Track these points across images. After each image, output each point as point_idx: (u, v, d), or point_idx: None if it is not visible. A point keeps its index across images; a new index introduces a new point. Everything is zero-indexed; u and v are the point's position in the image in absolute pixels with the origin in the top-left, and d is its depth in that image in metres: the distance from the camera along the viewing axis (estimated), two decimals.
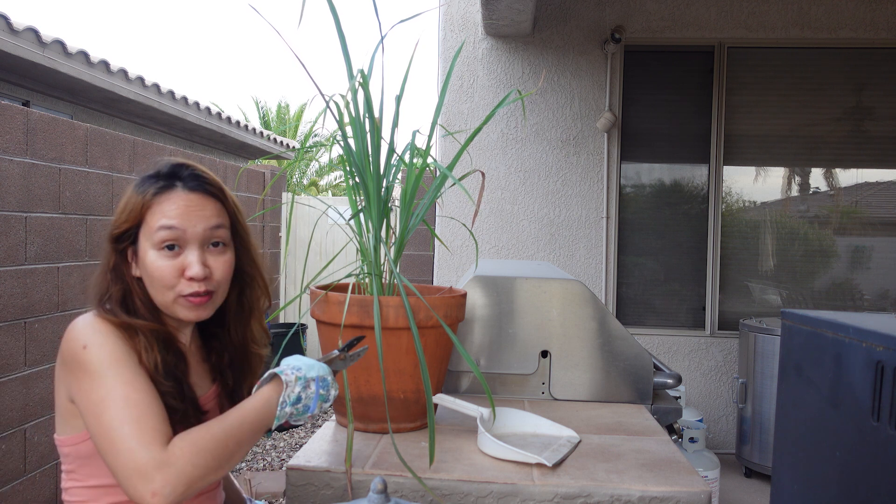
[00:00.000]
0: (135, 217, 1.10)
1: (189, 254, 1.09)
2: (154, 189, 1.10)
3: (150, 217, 1.09)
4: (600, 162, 4.42)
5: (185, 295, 1.09)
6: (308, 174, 17.01)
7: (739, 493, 3.76)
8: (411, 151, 1.50)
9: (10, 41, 4.68)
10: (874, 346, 1.62)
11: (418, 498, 1.22)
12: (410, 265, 4.88)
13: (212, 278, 1.11)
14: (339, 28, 1.40)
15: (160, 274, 1.08)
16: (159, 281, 1.09)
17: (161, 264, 1.08)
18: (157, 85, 6.53)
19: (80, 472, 1.11)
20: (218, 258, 1.13)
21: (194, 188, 1.12)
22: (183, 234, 1.08)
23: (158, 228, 1.08)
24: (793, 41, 4.34)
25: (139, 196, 1.10)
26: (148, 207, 1.09)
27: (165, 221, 1.08)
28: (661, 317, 4.49)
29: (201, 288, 1.09)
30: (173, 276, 1.09)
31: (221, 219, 1.14)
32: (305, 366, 1.10)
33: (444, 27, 4.53)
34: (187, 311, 1.11)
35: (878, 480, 1.56)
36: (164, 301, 1.11)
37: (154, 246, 1.08)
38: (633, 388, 1.74)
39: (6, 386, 2.69)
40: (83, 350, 1.03)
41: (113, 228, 1.12)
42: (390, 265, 1.42)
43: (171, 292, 1.09)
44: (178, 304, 1.10)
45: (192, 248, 1.09)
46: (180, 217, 1.08)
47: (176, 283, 1.09)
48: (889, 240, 4.44)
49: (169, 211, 1.08)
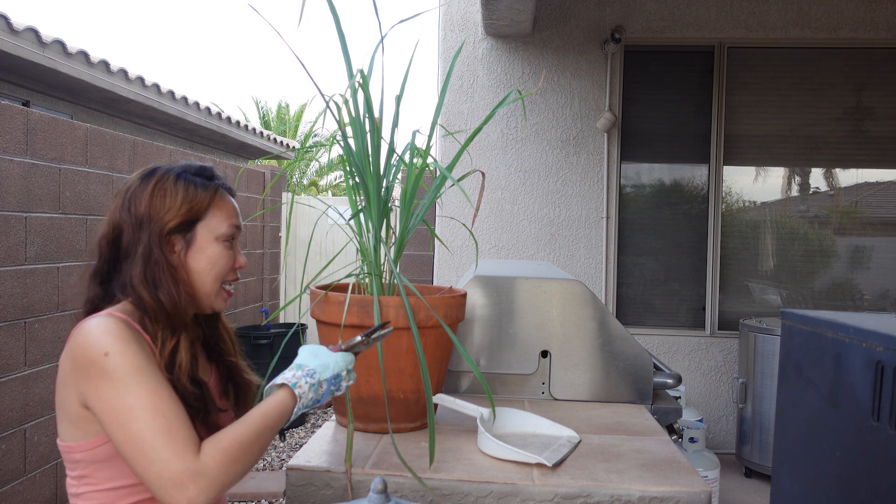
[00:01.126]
0: (200, 209, 1.17)
1: (237, 248, 1.24)
2: (214, 187, 1.21)
3: (217, 212, 1.19)
4: (600, 162, 4.42)
5: (229, 282, 1.22)
6: (308, 174, 17.01)
7: (739, 493, 3.76)
8: (411, 151, 1.50)
9: (10, 41, 4.68)
10: (874, 346, 1.62)
11: (418, 498, 1.22)
12: (410, 265, 4.88)
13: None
14: (339, 28, 1.40)
15: (224, 263, 1.19)
16: (221, 269, 1.19)
17: (225, 254, 1.19)
18: (157, 85, 6.53)
19: (97, 476, 1.09)
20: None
21: (230, 190, 1.27)
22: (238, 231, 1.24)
23: (229, 224, 1.20)
24: (793, 41, 4.34)
25: (203, 191, 1.19)
26: (214, 203, 1.19)
27: (233, 220, 1.21)
28: (661, 317, 4.49)
29: (238, 276, 1.24)
30: (230, 267, 1.21)
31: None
32: (320, 367, 1.13)
33: (444, 27, 4.53)
34: (223, 301, 1.22)
35: (878, 480, 1.56)
36: (210, 290, 1.19)
37: (218, 238, 1.19)
38: (633, 388, 1.74)
39: (6, 386, 2.69)
40: (104, 357, 1.02)
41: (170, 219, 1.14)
42: (390, 265, 1.42)
43: (220, 281, 1.20)
44: (219, 294, 1.21)
45: (236, 243, 1.24)
46: (238, 216, 1.24)
47: (228, 273, 1.21)
48: (889, 240, 4.44)
49: (231, 211, 1.22)
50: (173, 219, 1.14)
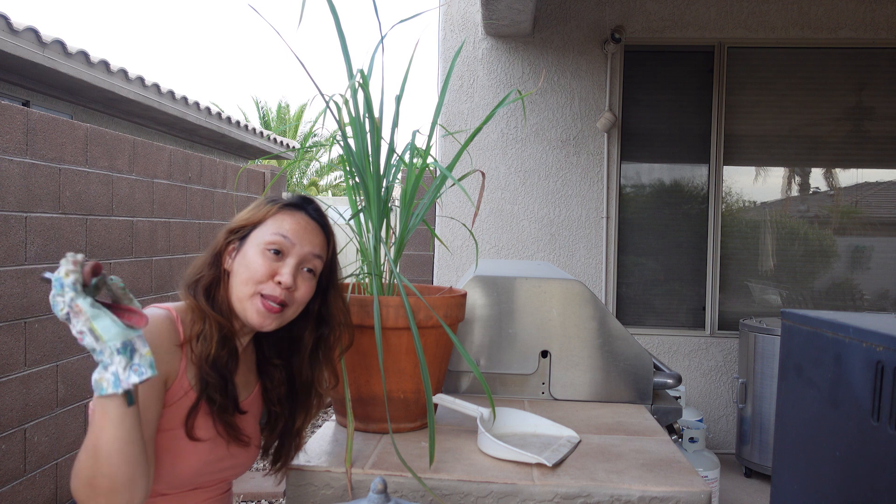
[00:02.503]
0: (258, 218, 1.21)
1: (286, 264, 1.18)
2: (283, 203, 1.23)
3: (271, 222, 1.20)
4: (600, 162, 4.42)
5: (264, 295, 1.16)
6: (308, 174, 17.02)
7: (739, 493, 3.76)
8: (411, 151, 1.50)
9: (10, 41, 4.68)
10: (874, 346, 1.62)
11: (418, 498, 1.22)
12: (410, 265, 4.88)
13: (292, 293, 1.18)
14: (339, 28, 1.40)
15: (255, 267, 1.16)
16: (251, 274, 1.16)
17: (260, 260, 1.16)
18: (157, 85, 6.53)
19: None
20: (305, 281, 1.20)
21: (314, 217, 1.24)
22: (291, 246, 1.18)
23: (274, 233, 1.18)
24: (793, 41, 4.34)
25: (269, 205, 1.23)
26: (272, 215, 1.21)
27: (282, 230, 1.19)
28: (661, 317, 4.49)
29: (281, 295, 1.16)
30: (266, 275, 1.16)
31: (324, 253, 1.23)
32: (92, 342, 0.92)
33: (444, 27, 4.53)
34: (256, 313, 1.16)
35: (878, 480, 1.56)
36: (242, 294, 1.17)
37: (262, 244, 1.18)
38: (633, 388, 1.74)
39: (6, 386, 2.69)
40: None
41: (235, 222, 1.22)
42: (390, 265, 1.42)
43: (253, 287, 1.16)
44: (252, 302, 1.16)
45: (290, 260, 1.18)
46: (295, 233, 1.19)
47: (264, 281, 1.16)
48: (889, 240, 4.43)
49: (288, 224, 1.20)
50: (236, 222, 1.22)
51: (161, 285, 3.85)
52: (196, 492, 1.19)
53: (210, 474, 1.18)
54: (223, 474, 1.22)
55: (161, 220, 3.86)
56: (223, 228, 1.23)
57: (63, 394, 3.01)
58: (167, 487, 1.14)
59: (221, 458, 1.18)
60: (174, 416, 1.11)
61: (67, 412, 3.05)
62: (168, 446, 1.11)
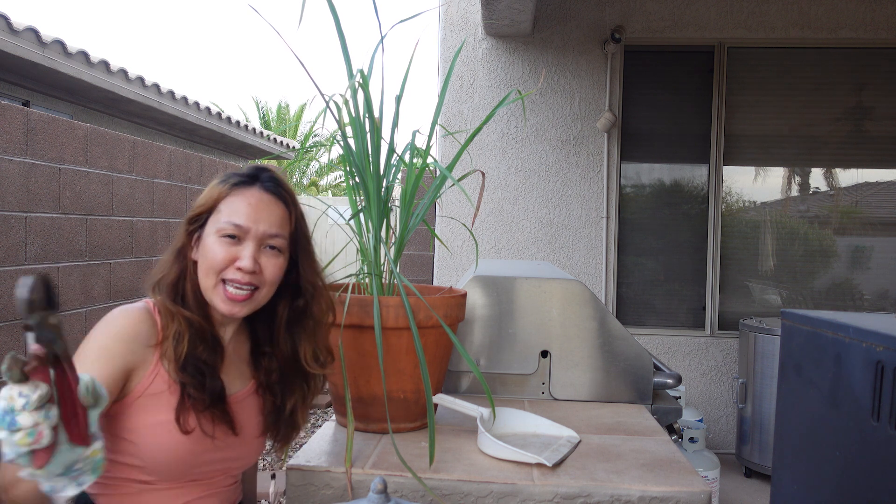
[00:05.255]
0: (211, 203, 1.17)
1: (245, 247, 1.14)
2: (234, 181, 1.17)
3: (224, 206, 1.16)
4: (600, 162, 4.42)
5: (228, 280, 1.14)
6: (308, 174, 17.02)
7: (739, 493, 3.76)
8: (411, 151, 1.50)
9: (10, 41, 4.68)
10: (874, 346, 1.62)
11: (418, 498, 1.22)
12: (410, 265, 4.88)
13: (260, 274, 1.15)
14: (339, 28, 1.40)
15: (213, 256, 1.14)
16: (210, 263, 1.14)
17: (218, 249, 1.14)
18: (157, 85, 6.53)
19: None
20: (270, 259, 1.17)
21: (269, 189, 1.18)
22: (246, 231, 1.15)
23: (226, 222, 1.14)
24: (793, 41, 4.34)
25: (219, 186, 1.18)
26: (223, 197, 1.16)
27: (234, 219, 1.14)
28: (661, 317, 4.49)
29: (245, 279, 1.13)
30: (224, 261, 1.14)
31: (283, 228, 1.18)
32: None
33: (444, 27, 4.52)
34: (222, 302, 1.14)
35: (878, 480, 1.56)
36: (206, 285, 1.15)
37: (217, 232, 1.15)
38: (633, 388, 1.74)
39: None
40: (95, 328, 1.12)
41: (190, 211, 1.19)
42: (390, 265, 1.42)
43: (215, 277, 1.14)
44: (216, 291, 1.14)
45: (248, 243, 1.15)
46: (247, 216, 1.15)
47: (223, 269, 1.14)
48: (889, 240, 4.43)
49: (240, 208, 1.15)
50: (192, 212, 1.18)
51: None
52: (195, 484, 1.18)
53: (205, 465, 1.17)
54: (221, 466, 1.20)
55: (161, 220, 3.85)
56: (182, 221, 1.20)
57: None
58: (159, 479, 1.14)
59: (209, 450, 1.16)
60: (159, 408, 1.11)
61: None
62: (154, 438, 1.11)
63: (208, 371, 1.14)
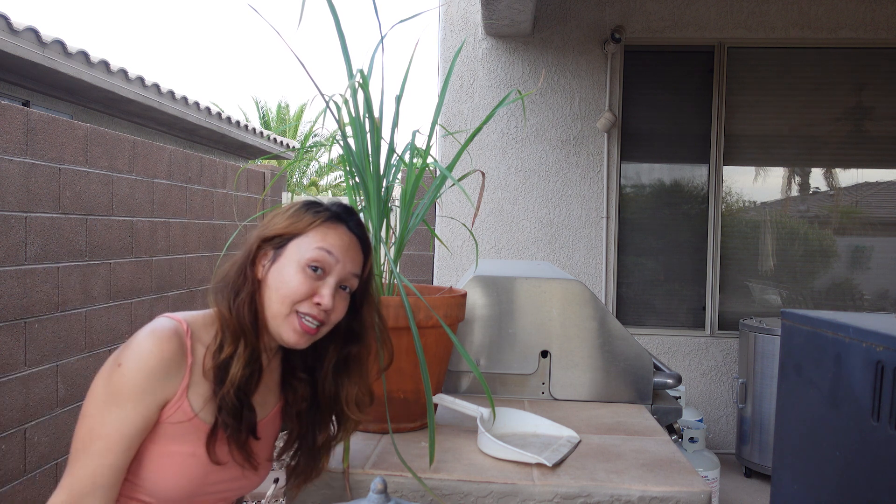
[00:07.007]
0: (298, 229, 1.14)
1: (326, 285, 1.12)
2: (328, 214, 1.16)
3: (314, 234, 1.13)
4: (600, 162, 4.42)
5: (302, 313, 1.11)
6: (308, 174, 17.02)
7: (739, 493, 3.76)
8: (411, 151, 1.50)
9: (10, 41, 4.68)
10: (874, 346, 1.62)
11: (418, 498, 1.22)
12: (410, 265, 4.88)
13: (330, 314, 1.14)
14: (339, 28, 1.40)
15: (296, 286, 1.10)
16: (291, 293, 1.11)
17: (301, 278, 1.11)
18: (157, 85, 6.53)
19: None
20: (341, 301, 1.16)
21: (357, 234, 1.18)
22: (334, 264, 1.13)
23: (318, 248, 1.12)
24: (793, 41, 4.34)
25: (310, 214, 1.15)
26: (315, 227, 1.14)
27: (328, 246, 1.13)
28: (661, 317, 4.49)
29: (320, 315, 1.12)
30: (306, 294, 1.11)
31: (362, 270, 1.18)
32: None
33: (444, 27, 4.52)
34: (292, 332, 1.12)
35: (878, 480, 1.56)
36: (278, 312, 1.11)
37: (303, 260, 1.11)
38: (633, 388, 1.74)
39: (6, 386, 2.68)
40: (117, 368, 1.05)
41: (269, 229, 1.15)
42: (390, 265, 1.42)
43: (290, 306, 1.11)
44: (288, 321, 1.11)
45: (330, 279, 1.13)
46: (339, 249, 1.13)
47: (302, 301, 1.11)
48: (889, 240, 4.43)
49: (333, 240, 1.14)
50: (272, 230, 1.15)
51: (161, 285, 3.85)
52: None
53: (210, 493, 1.14)
54: (225, 494, 1.17)
55: (161, 220, 3.85)
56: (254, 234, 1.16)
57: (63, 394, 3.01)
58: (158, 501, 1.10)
59: (220, 479, 1.13)
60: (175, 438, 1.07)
61: (67, 412, 3.05)
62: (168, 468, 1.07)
63: (245, 400, 1.10)
